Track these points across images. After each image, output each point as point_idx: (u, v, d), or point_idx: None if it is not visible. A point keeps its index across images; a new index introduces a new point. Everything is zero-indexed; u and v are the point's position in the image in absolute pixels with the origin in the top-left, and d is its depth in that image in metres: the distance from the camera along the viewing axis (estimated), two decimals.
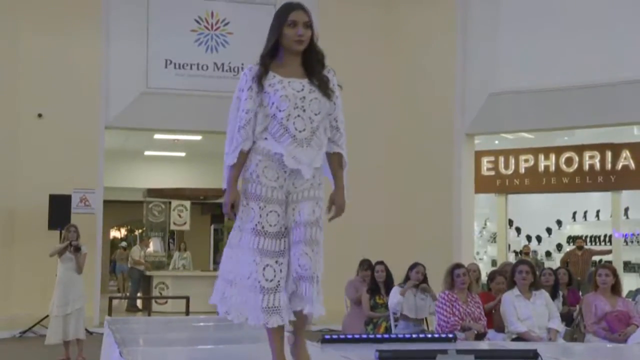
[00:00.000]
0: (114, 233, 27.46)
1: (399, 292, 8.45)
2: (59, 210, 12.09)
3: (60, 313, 9.03)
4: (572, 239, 16.16)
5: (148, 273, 16.61)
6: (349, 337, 5.48)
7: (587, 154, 14.40)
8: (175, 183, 18.56)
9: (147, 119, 13.83)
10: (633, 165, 13.91)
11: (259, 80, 3.55)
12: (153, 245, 18.26)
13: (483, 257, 16.84)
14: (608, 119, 12.73)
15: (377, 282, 9.19)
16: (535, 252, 16.26)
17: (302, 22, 3.56)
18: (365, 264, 9.99)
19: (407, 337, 5.93)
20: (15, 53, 12.97)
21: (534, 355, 4.22)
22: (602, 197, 15.30)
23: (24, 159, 12.86)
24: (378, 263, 9.38)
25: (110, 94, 13.41)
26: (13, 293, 12.48)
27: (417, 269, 8.52)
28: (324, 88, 3.59)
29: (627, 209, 15.02)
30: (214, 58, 14.00)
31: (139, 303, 16.37)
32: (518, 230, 17.06)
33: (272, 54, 3.61)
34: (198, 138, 16.27)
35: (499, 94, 13.30)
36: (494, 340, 6.98)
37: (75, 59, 13.10)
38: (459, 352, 4.14)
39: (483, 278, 11.12)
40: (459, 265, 7.53)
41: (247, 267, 3.51)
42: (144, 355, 4.69)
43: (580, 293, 9.80)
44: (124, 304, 16.68)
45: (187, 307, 11.59)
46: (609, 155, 14.14)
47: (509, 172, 15.22)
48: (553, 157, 14.79)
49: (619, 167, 14.06)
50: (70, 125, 12.96)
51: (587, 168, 14.39)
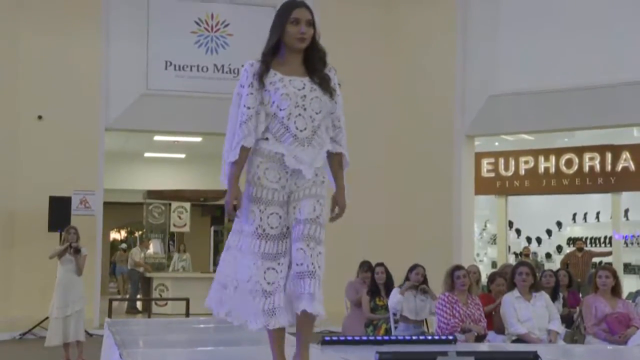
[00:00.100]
0: (114, 235, 27.43)
1: (399, 292, 8.45)
2: (59, 212, 12.08)
3: (60, 315, 9.03)
4: (572, 241, 16.15)
5: (148, 275, 16.59)
6: (349, 338, 5.48)
7: (587, 156, 14.41)
8: (175, 185, 18.56)
9: (147, 121, 13.83)
10: (633, 167, 13.92)
11: (260, 78, 3.51)
12: (153, 247, 18.25)
13: (483, 258, 16.83)
14: (608, 121, 12.72)
15: (377, 283, 9.19)
16: (535, 253, 16.25)
17: (304, 19, 3.53)
18: (365, 266, 9.99)
19: (407, 338, 5.92)
20: (16, 54, 12.97)
21: (534, 357, 4.22)
22: (602, 198, 15.29)
23: (24, 161, 12.85)
24: (378, 265, 9.38)
25: (111, 96, 13.40)
26: (13, 295, 12.46)
27: (416, 271, 8.52)
28: (325, 86, 3.56)
29: (627, 211, 15.01)
30: (214, 60, 13.99)
31: (139, 305, 16.37)
32: (518, 232, 17.05)
33: (273, 52, 3.57)
34: (198, 140, 16.26)
35: (499, 96, 13.29)
36: (494, 342, 6.99)
37: (76, 61, 13.10)
38: (459, 353, 4.14)
39: (483, 280, 11.12)
40: (459, 267, 7.53)
41: (247, 270, 3.48)
42: (144, 357, 4.69)
43: (581, 295, 9.79)
44: (124, 306, 16.67)
45: (187, 308, 11.57)
46: (609, 157, 14.15)
47: (509, 173, 15.22)
48: (553, 158, 14.79)
49: (619, 168, 14.06)
50: (70, 127, 12.95)
51: (587, 169, 14.40)
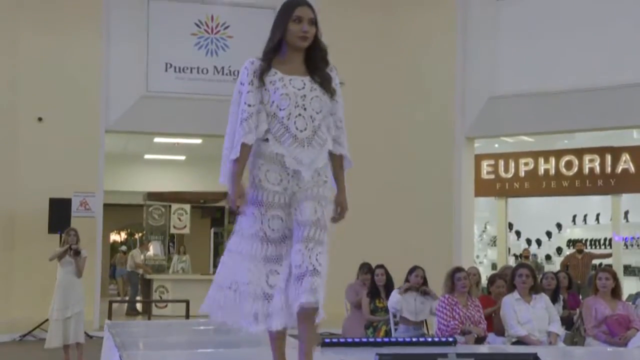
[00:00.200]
0: (114, 237, 27.44)
1: (398, 292, 8.44)
2: (59, 214, 12.09)
3: (60, 317, 9.03)
4: (572, 243, 16.15)
5: (148, 276, 16.60)
6: (349, 340, 5.49)
7: (587, 158, 14.40)
8: (175, 186, 18.56)
9: (147, 123, 13.82)
10: (633, 169, 13.91)
11: (261, 76, 3.48)
12: (153, 249, 18.26)
13: (483, 260, 16.83)
14: (608, 122, 12.71)
15: (377, 285, 9.18)
16: (535, 255, 16.25)
17: (307, 18, 3.49)
18: (365, 268, 9.98)
19: (407, 340, 5.93)
20: (16, 56, 12.96)
21: (534, 359, 4.22)
22: (602, 200, 15.29)
23: (24, 163, 12.84)
24: (378, 267, 9.36)
25: (111, 98, 13.40)
26: (13, 296, 12.46)
27: (416, 273, 8.49)
28: (326, 86, 3.52)
29: (627, 213, 15.01)
30: (214, 61, 14.00)
31: (139, 307, 16.37)
32: (518, 234, 17.05)
33: (275, 50, 3.54)
34: (198, 141, 16.26)
35: (499, 97, 13.29)
36: (494, 344, 6.99)
37: (76, 62, 13.09)
38: (459, 355, 4.14)
39: (483, 282, 11.11)
40: (460, 269, 7.53)
41: (247, 273, 3.44)
42: (144, 359, 4.69)
43: (580, 297, 9.79)
44: (124, 308, 16.68)
45: (187, 310, 11.58)
46: (609, 159, 14.14)
47: (509, 175, 15.21)
48: (553, 160, 14.78)
49: (619, 170, 14.05)
50: (71, 129, 12.95)
51: (587, 171, 14.39)
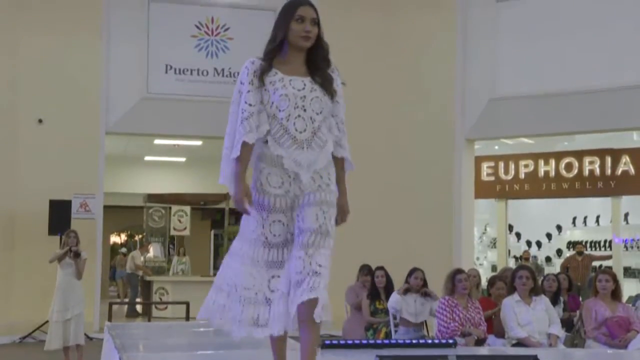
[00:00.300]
0: (114, 238, 27.44)
1: (397, 293, 8.43)
2: (59, 216, 12.09)
3: (60, 319, 9.02)
4: (572, 245, 16.16)
5: (148, 278, 16.60)
6: (349, 342, 5.49)
7: (586, 159, 14.39)
8: (176, 188, 18.56)
9: (147, 124, 13.82)
10: (633, 171, 13.90)
11: (261, 76, 3.45)
12: (153, 251, 18.26)
13: (483, 262, 16.83)
14: (608, 124, 12.71)
15: (377, 287, 9.17)
16: (535, 257, 16.25)
17: (309, 17, 3.46)
18: (365, 269, 9.99)
19: (407, 342, 5.92)
20: (16, 57, 12.95)
21: None
22: (602, 202, 15.29)
23: (25, 164, 12.84)
24: (378, 268, 9.36)
25: (111, 99, 13.40)
26: (13, 298, 12.45)
27: (415, 275, 8.48)
28: (327, 87, 3.49)
29: (627, 215, 15.01)
30: (214, 63, 14.00)
31: (139, 308, 16.36)
32: (518, 236, 17.05)
33: (276, 50, 3.51)
34: (198, 143, 16.27)
35: (499, 99, 13.29)
36: (494, 346, 6.98)
37: (76, 64, 13.09)
38: (459, 357, 4.14)
39: (483, 283, 11.11)
40: (460, 271, 7.53)
41: (249, 278, 3.42)
42: None
43: (581, 298, 9.79)
44: (124, 310, 16.67)
45: (187, 312, 11.56)
46: (609, 161, 14.13)
47: (509, 177, 15.21)
48: (553, 162, 14.77)
49: (619, 172, 14.05)
50: (71, 131, 12.95)
51: (587, 173, 14.38)
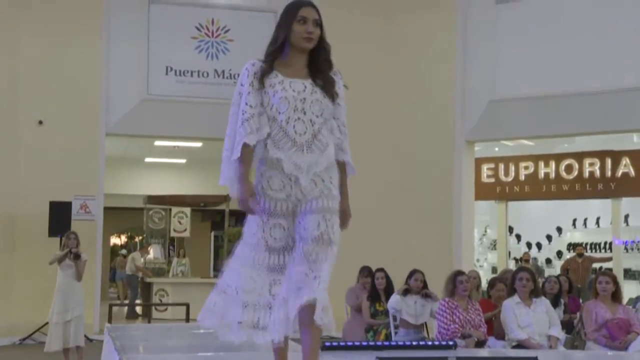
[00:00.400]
0: (114, 240, 27.43)
1: (398, 293, 8.42)
2: (59, 217, 12.08)
3: (60, 320, 9.01)
4: (572, 246, 16.17)
5: (148, 280, 16.59)
6: (349, 344, 5.49)
7: (587, 161, 14.40)
8: (176, 190, 18.56)
9: (147, 126, 13.82)
10: (633, 173, 13.91)
11: (261, 77, 3.42)
12: (153, 252, 18.25)
13: (483, 264, 16.84)
14: (608, 126, 12.70)
15: (377, 289, 9.17)
16: (536, 259, 16.26)
17: (312, 19, 3.44)
18: (366, 271, 9.99)
19: (407, 344, 5.92)
20: (16, 59, 12.96)
21: None
22: (602, 204, 15.30)
23: (25, 166, 12.83)
24: (378, 270, 9.36)
25: (111, 101, 13.39)
26: (13, 300, 12.44)
27: (415, 276, 8.47)
28: (328, 89, 3.46)
29: (627, 216, 15.02)
30: (215, 65, 14.00)
31: (139, 310, 16.35)
32: (518, 237, 17.06)
33: (277, 51, 3.48)
34: (198, 145, 16.26)
35: (499, 101, 13.28)
36: (494, 348, 6.98)
37: (76, 65, 13.09)
38: (459, 359, 4.14)
39: (483, 285, 11.12)
40: (461, 273, 7.53)
41: (249, 281, 3.41)
42: None
43: (581, 300, 9.79)
44: (124, 311, 16.66)
45: (187, 314, 11.57)
46: (609, 163, 14.14)
47: (509, 179, 15.22)
48: (553, 164, 14.78)
49: (619, 174, 14.05)
50: (71, 132, 12.95)
51: (587, 175, 14.39)
